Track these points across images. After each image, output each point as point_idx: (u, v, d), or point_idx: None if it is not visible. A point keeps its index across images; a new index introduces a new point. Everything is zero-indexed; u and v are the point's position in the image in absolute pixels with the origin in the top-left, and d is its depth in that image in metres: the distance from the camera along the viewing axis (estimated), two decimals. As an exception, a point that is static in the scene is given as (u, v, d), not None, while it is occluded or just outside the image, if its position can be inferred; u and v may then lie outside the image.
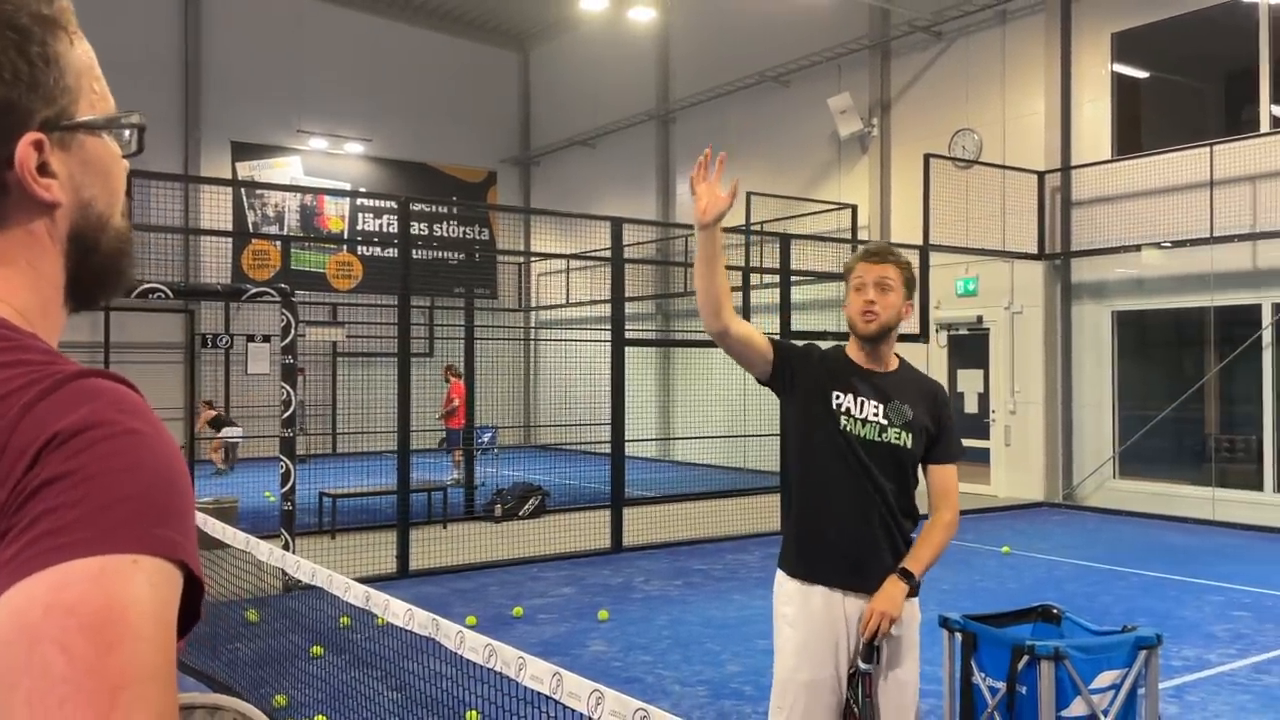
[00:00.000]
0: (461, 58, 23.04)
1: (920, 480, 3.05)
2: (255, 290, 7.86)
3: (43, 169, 0.83)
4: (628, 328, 10.22)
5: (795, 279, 11.92)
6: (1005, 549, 10.05)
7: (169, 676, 0.70)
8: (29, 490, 0.69)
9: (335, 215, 21.32)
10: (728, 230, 16.06)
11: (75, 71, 0.86)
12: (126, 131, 0.94)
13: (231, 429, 16.68)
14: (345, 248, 20.57)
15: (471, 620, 7.07)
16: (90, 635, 0.65)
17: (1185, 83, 13.54)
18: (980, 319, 14.24)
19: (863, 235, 15.46)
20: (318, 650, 6.07)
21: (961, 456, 3.05)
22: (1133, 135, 13.20)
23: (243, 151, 20.31)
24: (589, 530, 10.19)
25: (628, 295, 10.73)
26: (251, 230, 20.07)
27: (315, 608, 7.06)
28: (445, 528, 11.17)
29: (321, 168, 21.14)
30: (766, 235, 14.68)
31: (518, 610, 7.43)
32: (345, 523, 10.80)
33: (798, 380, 2.96)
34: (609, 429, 10.11)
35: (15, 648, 0.64)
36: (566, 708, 2.61)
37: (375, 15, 21.90)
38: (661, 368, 18.71)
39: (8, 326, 0.80)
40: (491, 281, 22.14)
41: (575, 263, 19.81)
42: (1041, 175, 13.40)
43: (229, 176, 19.79)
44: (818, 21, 16.34)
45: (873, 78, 15.74)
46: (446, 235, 22.27)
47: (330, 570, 4.24)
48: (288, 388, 7.99)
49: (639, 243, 18.05)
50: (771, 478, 11.52)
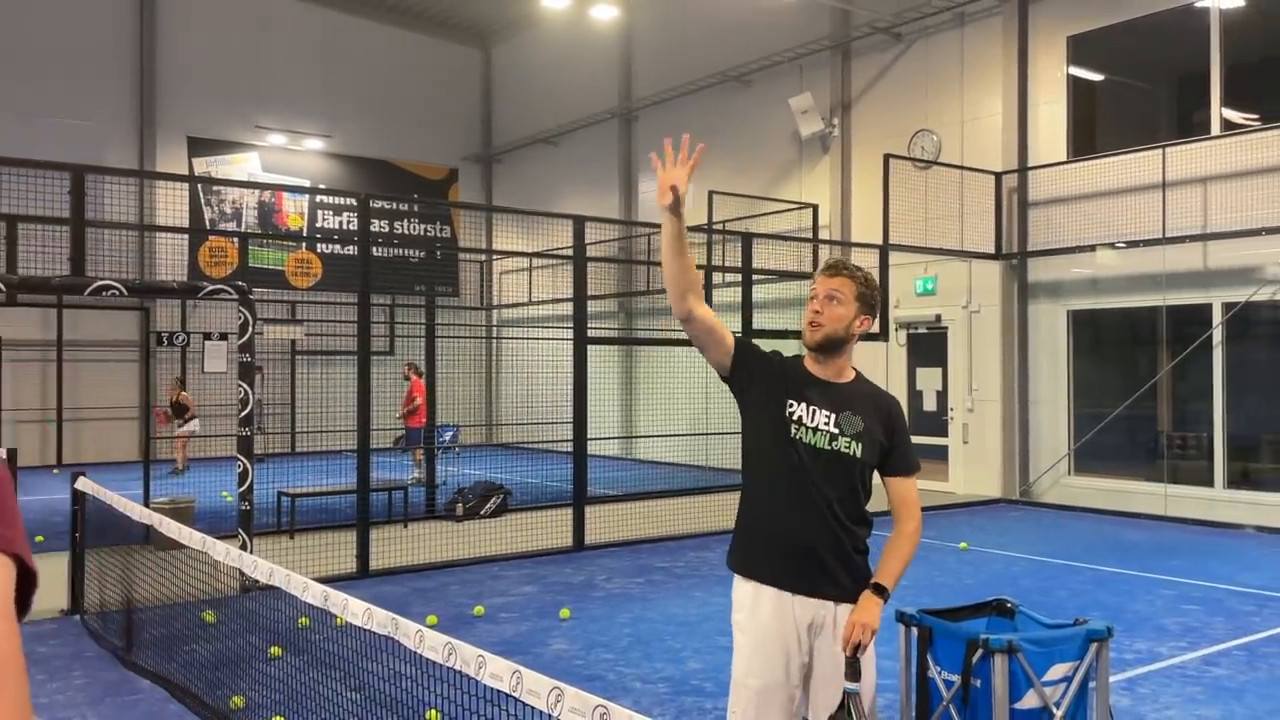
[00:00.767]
0: (423, 54, 22.90)
1: (875, 490, 3.09)
2: (212, 288, 7.77)
3: None
4: (590, 326, 10.21)
5: (757, 278, 11.97)
6: (963, 545, 10.18)
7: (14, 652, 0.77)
8: None
9: (294, 212, 21.10)
10: (690, 229, 16.09)
11: None
12: None
13: (194, 423, 16.40)
14: (304, 245, 20.36)
15: (432, 620, 7.04)
16: None
17: (1139, 86, 13.77)
18: (939, 318, 14.39)
19: (824, 235, 15.57)
20: (276, 651, 6.01)
21: (918, 469, 3.09)
22: (1087, 137, 13.41)
23: (200, 147, 20.05)
24: (551, 529, 10.18)
25: (590, 294, 10.72)
26: (209, 227, 19.82)
27: (273, 608, 7.00)
28: (406, 527, 11.12)
29: (280, 164, 20.92)
30: (728, 234, 14.75)
31: (479, 609, 7.41)
32: (304, 523, 10.70)
33: (755, 383, 3.00)
34: (571, 427, 10.10)
35: None
36: (527, 706, 2.61)
37: (335, 10, 21.72)
38: (624, 366, 18.72)
39: None
40: (453, 279, 22.04)
41: (537, 261, 19.77)
42: (999, 176, 13.57)
43: (185, 172, 19.53)
44: (779, 22, 16.43)
45: (834, 78, 15.85)
46: (407, 233, 22.13)
47: (288, 570, 4.21)
48: (245, 386, 7.90)
49: (601, 241, 18.06)
50: (733, 475, 11.51)
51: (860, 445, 2.96)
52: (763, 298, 14.95)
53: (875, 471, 3.06)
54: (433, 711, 4.93)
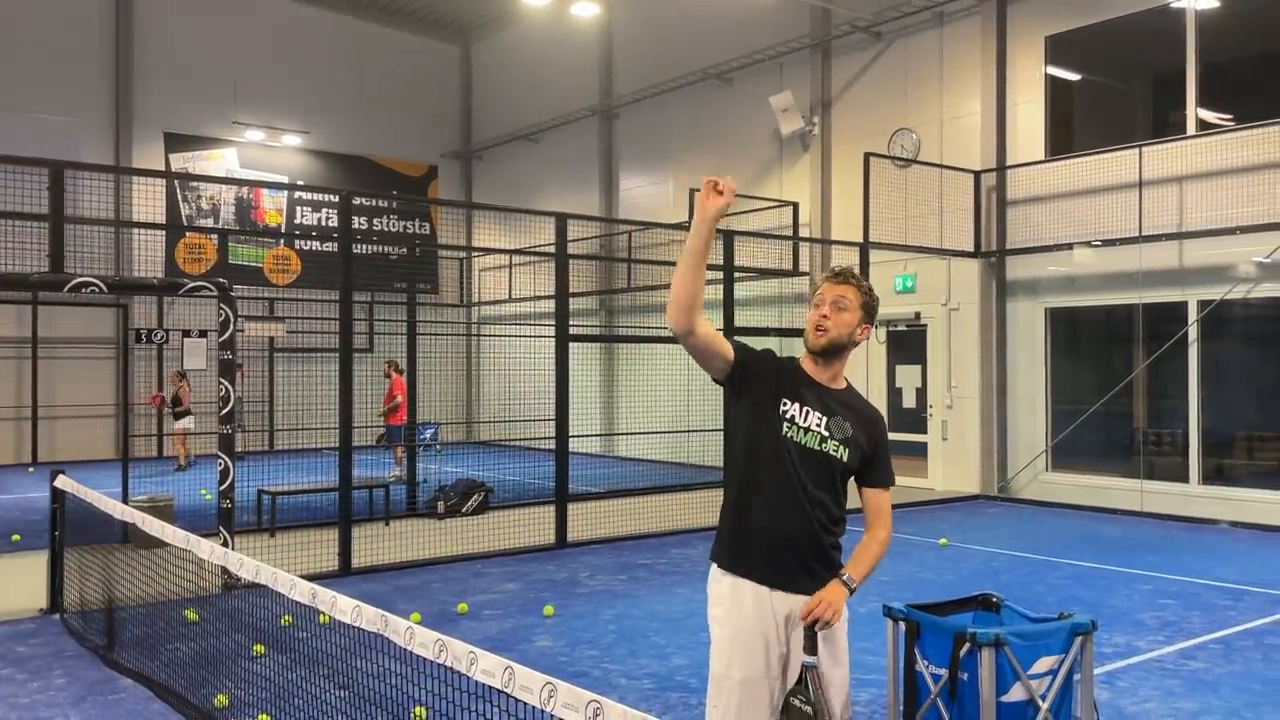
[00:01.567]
0: (402, 50, 22.82)
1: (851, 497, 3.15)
2: (193, 285, 7.72)
3: None
4: (571, 323, 10.21)
5: (738, 275, 12.01)
6: (943, 541, 10.26)
7: None
8: None
9: (273, 209, 20.98)
10: (670, 227, 16.02)
11: None
12: None
13: (189, 419, 16.26)
14: (282, 242, 20.24)
15: (416, 617, 7.02)
16: None
17: (1116, 85, 13.90)
18: (918, 315, 14.49)
19: (804, 232, 15.63)
20: (260, 649, 5.99)
21: (893, 484, 3.17)
22: (1065, 137, 13.53)
23: (177, 143, 19.90)
24: (533, 526, 10.19)
25: (571, 291, 10.72)
26: (186, 224, 19.66)
27: (257, 606, 6.98)
28: (388, 525, 11.10)
29: (258, 160, 20.80)
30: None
31: (462, 607, 7.41)
32: (285, 521, 10.64)
33: (751, 383, 3.05)
34: (553, 425, 10.10)
35: None
36: (518, 701, 2.62)
37: (314, 6, 21.60)
38: (605, 363, 18.74)
39: None
40: (433, 277, 21.97)
41: (518, 258, 19.75)
42: (978, 175, 13.67)
43: (162, 168, 19.38)
44: (760, 20, 16.48)
45: (814, 76, 15.91)
46: (387, 230, 22.04)
47: (274, 568, 4.20)
48: (226, 384, 7.86)
49: (582, 238, 18.05)
50: (715, 472, 11.61)
51: (847, 450, 3.03)
52: (744, 295, 15.00)
53: (852, 479, 3.13)
54: (420, 708, 4.94)
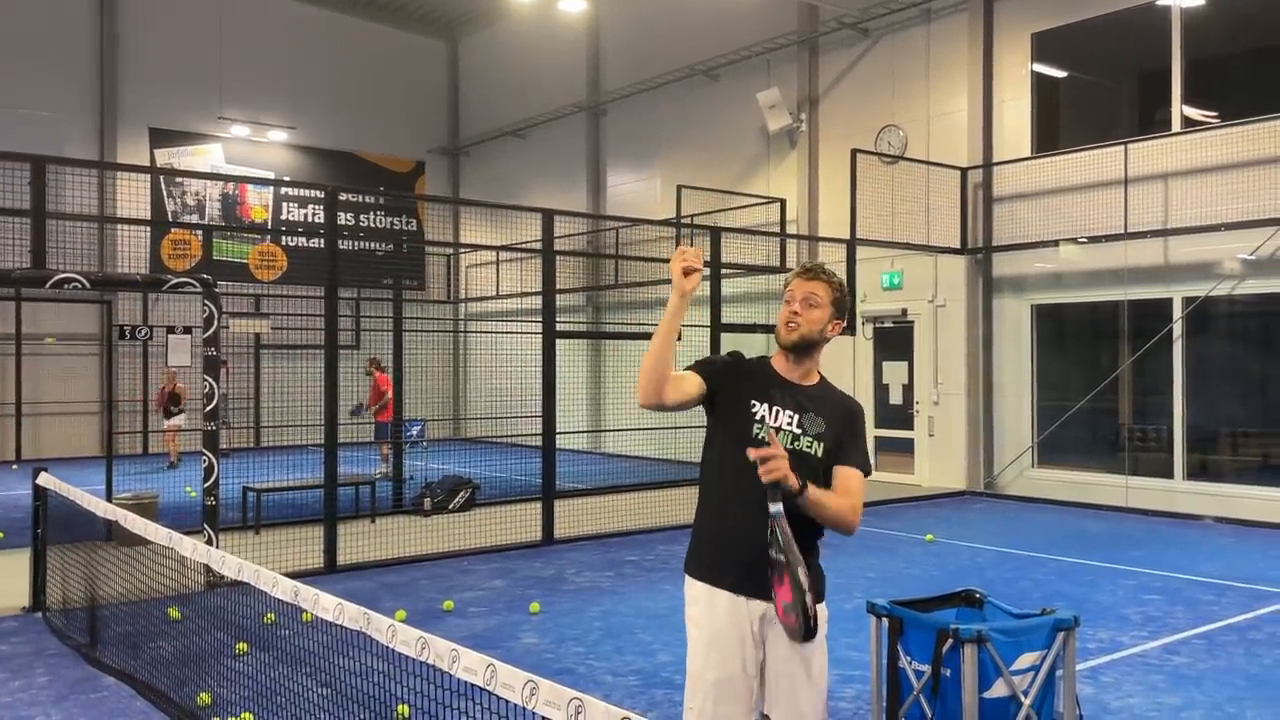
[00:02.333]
0: (389, 46, 22.73)
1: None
2: (177, 281, 7.68)
3: None
4: (558, 320, 10.19)
5: (725, 272, 12.00)
6: (929, 537, 10.28)
7: None
8: None
9: (258, 205, 20.88)
10: (658, 223, 15.97)
11: None
12: None
13: (181, 416, 16.16)
14: (269, 238, 20.17)
15: (401, 615, 7.00)
16: None
17: (1102, 82, 13.95)
18: (905, 312, 14.51)
19: (791, 229, 15.64)
20: (243, 647, 5.96)
21: (868, 471, 3.05)
22: (1051, 133, 13.56)
23: (162, 138, 19.78)
24: (520, 523, 10.17)
25: (558, 287, 10.70)
26: (171, 220, 19.56)
27: (240, 604, 6.95)
28: (374, 522, 11.06)
29: (244, 156, 20.69)
30: (697, 228, 14.74)
31: (448, 604, 7.39)
32: (271, 518, 10.59)
33: (721, 394, 3.03)
34: (539, 421, 10.08)
35: None
36: (501, 699, 2.61)
37: (301, 1, 21.48)
38: (591, 360, 18.72)
39: None
40: (420, 273, 21.91)
41: (505, 255, 19.69)
42: (964, 171, 13.69)
43: (147, 164, 19.25)
44: (747, 16, 16.46)
45: (801, 73, 15.91)
46: (373, 226, 21.97)
47: (257, 565, 4.17)
48: (210, 380, 7.82)
49: (569, 235, 18.02)
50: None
51: (821, 445, 2.98)
52: (731, 292, 14.99)
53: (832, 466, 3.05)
54: (403, 706, 4.92)
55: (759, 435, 2.92)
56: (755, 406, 2.99)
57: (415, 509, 11.61)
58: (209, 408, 7.82)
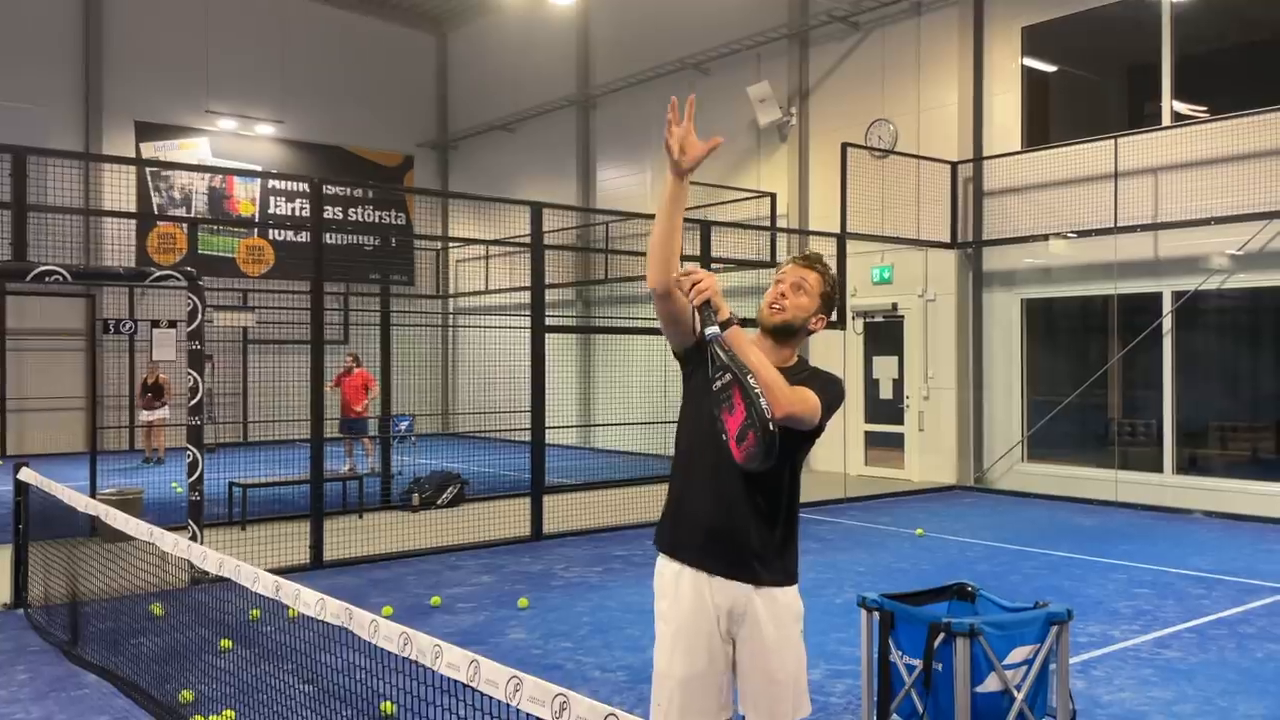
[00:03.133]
0: (377, 39, 22.60)
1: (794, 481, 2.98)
2: (160, 274, 7.58)
3: None
4: (548, 314, 10.13)
5: (715, 266, 11.95)
6: (919, 531, 10.25)
7: None
8: None
9: (245, 199, 20.73)
10: (648, 217, 15.97)
11: None
12: None
13: (163, 409, 16.00)
14: (256, 232, 20.02)
15: (388, 610, 6.95)
16: None
17: (1092, 77, 13.92)
18: (895, 306, 14.48)
19: (781, 223, 15.59)
20: (226, 644, 5.88)
21: (824, 402, 2.80)
22: (1041, 128, 13.54)
23: (148, 132, 19.61)
24: (509, 518, 10.10)
25: (549, 282, 10.64)
26: (157, 213, 19.40)
27: (223, 600, 6.87)
28: (361, 517, 10.99)
29: (231, 150, 20.52)
30: (687, 222, 14.67)
31: (436, 599, 7.32)
32: (257, 514, 10.51)
33: (700, 366, 2.89)
34: (529, 416, 10.01)
35: None
36: (485, 696, 2.55)
37: (287, -7, 21.34)
38: (582, 355, 18.64)
39: None
40: (409, 268, 21.79)
41: (495, 250, 19.60)
42: (954, 165, 13.66)
43: (133, 152, 19.07)
44: (737, 9, 16.40)
45: (791, 67, 15.86)
46: (362, 219, 21.83)
47: (238, 561, 4.11)
48: (194, 375, 7.73)
49: (559, 229, 17.93)
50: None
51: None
52: (720, 285, 14.92)
53: (808, 449, 2.97)
54: (387, 703, 4.86)
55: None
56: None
57: (403, 505, 11.54)
58: (192, 402, 7.73)
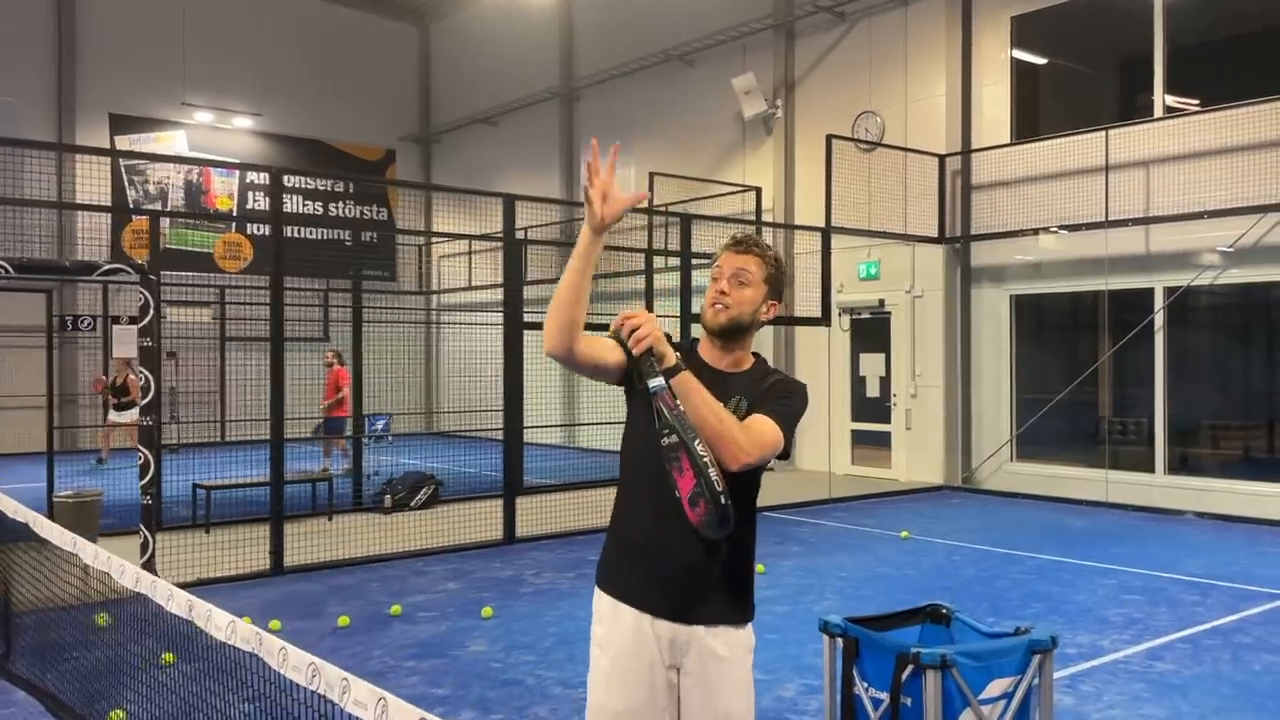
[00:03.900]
0: (358, 30, 22.22)
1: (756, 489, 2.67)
2: (108, 268, 7.25)
3: None
4: (528, 310, 9.78)
5: (696, 262, 11.63)
6: (904, 534, 9.96)
7: None
8: None
9: (224, 193, 20.36)
10: (633, 211, 15.70)
11: None
12: None
13: (132, 411, 15.61)
14: (234, 226, 19.64)
15: (344, 620, 6.63)
16: None
17: (1082, 68, 13.64)
18: (882, 303, 14.18)
19: (767, 218, 15.29)
20: (169, 658, 5.55)
21: (781, 426, 2.51)
22: (1031, 120, 13.25)
23: (122, 124, 19.23)
24: (482, 521, 9.77)
25: (531, 279, 10.31)
26: (132, 208, 19.02)
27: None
28: (330, 520, 10.66)
29: (208, 143, 20.14)
30: (669, 215, 14.37)
31: (396, 608, 6.99)
32: (226, 516, 10.16)
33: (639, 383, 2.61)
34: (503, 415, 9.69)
35: None
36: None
37: (266, -16, 20.97)
38: (564, 352, 18.28)
39: None
40: (390, 264, 21.45)
41: (479, 246, 19.25)
42: (942, 159, 13.36)
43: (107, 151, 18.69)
44: (722, 0, 16.07)
45: (777, 58, 15.54)
46: (342, 215, 21.47)
47: (153, 575, 3.80)
48: (146, 373, 7.40)
49: (543, 224, 17.60)
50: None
51: None
52: (703, 282, 14.61)
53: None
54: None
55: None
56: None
57: (375, 507, 11.22)
58: (145, 401, 7.40)
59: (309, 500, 10.91)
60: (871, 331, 14.42)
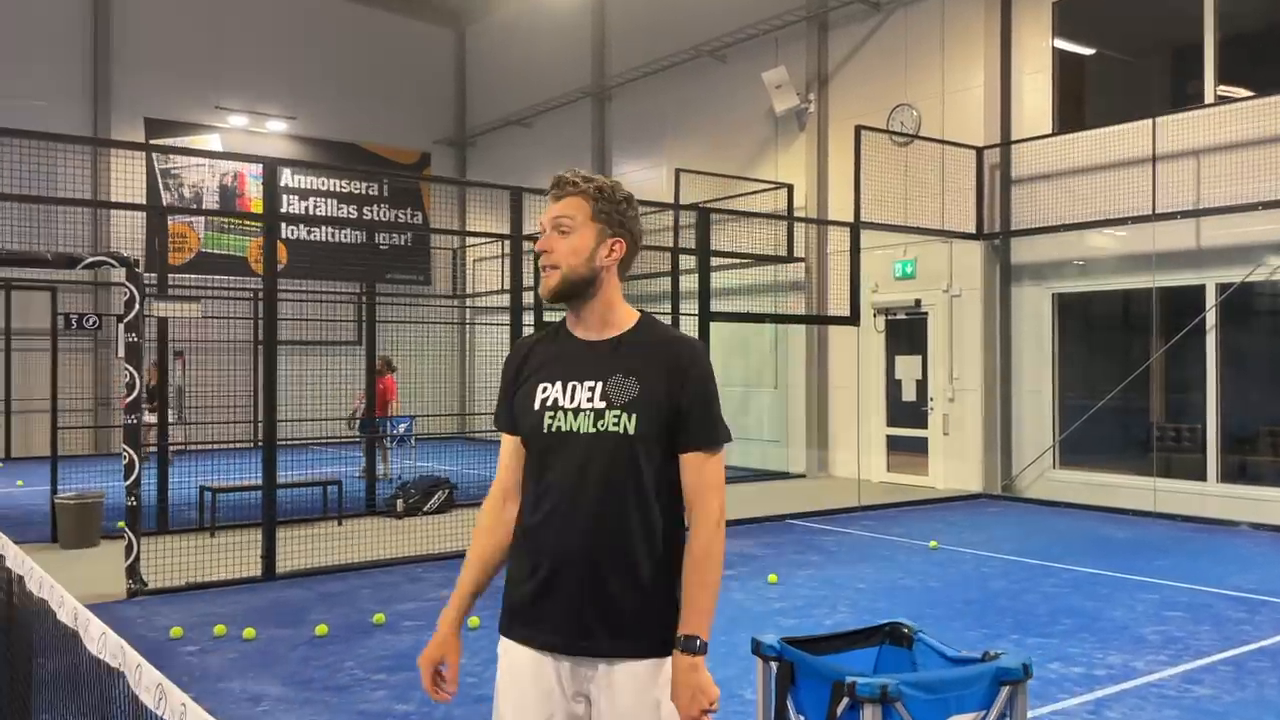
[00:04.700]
0: (394, 33, 22.12)
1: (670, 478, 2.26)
2: (92, 260, 7.04)
3: None
4: (546, 312, 9.42)
5: (716, 261, 11.21)
6: (933, 544, 9.42)
7: None
8: None
9: (258, 197, 20.32)
10: (663, 206, 15.16)
11: None
12: None
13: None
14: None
15: (322, 629, 6.31)
16: None
17: (1127, 58, 12.99)
18: (918, 302, 13.62)
19: (799, 214, 14.81)
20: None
21: (722, 440, 2.19)
22: (1074, 111, 12.64)
23: (157, 129, 19.27)
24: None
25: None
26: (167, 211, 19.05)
27: (155, 614, 6.30)
28: (340, 524, 10.40)
29: (242, 147, 20.08)
30: (688, 208, 13.99)
31: (379, 617, 6.65)
32: (236, 519, 9.90)
33: (515, 394, 2.31)
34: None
35: None
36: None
37: (300, -13, 20.95)
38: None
39: None
40: (426, 268, 21.28)
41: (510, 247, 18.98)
42: (980, 151, 12.79)
43: (143, 156, 18.72)
44: (754, -8, 15.63)
45: (810, 51, 15.06)
46: (378, 218, 21.35)
47: (53, 581, 3.50)
48: (131, 370, 7.17)
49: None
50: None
51: (634, 417, 2.13)
52: (737, 283, 14.18)
53: (672, 449, 2.19)
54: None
55: (551, 426, 2.14)
56: (545, 390, 2.21)
57: (388, 511, 10.95)
58: (129, 399, 7.17)
59: (319, 504, 10.68)
60: (907, 333, 13.87)
